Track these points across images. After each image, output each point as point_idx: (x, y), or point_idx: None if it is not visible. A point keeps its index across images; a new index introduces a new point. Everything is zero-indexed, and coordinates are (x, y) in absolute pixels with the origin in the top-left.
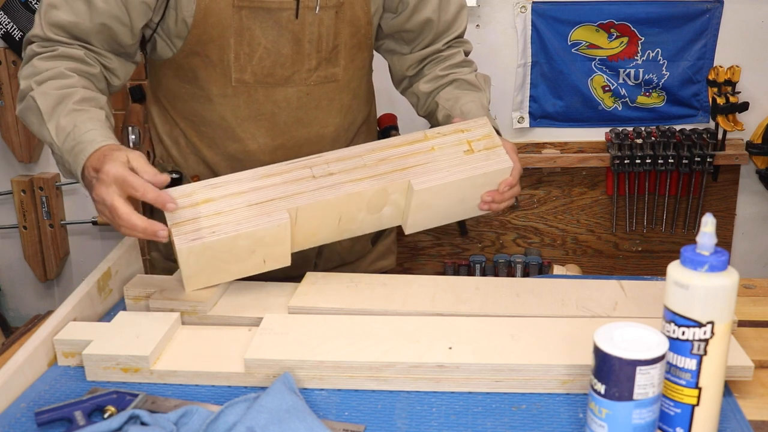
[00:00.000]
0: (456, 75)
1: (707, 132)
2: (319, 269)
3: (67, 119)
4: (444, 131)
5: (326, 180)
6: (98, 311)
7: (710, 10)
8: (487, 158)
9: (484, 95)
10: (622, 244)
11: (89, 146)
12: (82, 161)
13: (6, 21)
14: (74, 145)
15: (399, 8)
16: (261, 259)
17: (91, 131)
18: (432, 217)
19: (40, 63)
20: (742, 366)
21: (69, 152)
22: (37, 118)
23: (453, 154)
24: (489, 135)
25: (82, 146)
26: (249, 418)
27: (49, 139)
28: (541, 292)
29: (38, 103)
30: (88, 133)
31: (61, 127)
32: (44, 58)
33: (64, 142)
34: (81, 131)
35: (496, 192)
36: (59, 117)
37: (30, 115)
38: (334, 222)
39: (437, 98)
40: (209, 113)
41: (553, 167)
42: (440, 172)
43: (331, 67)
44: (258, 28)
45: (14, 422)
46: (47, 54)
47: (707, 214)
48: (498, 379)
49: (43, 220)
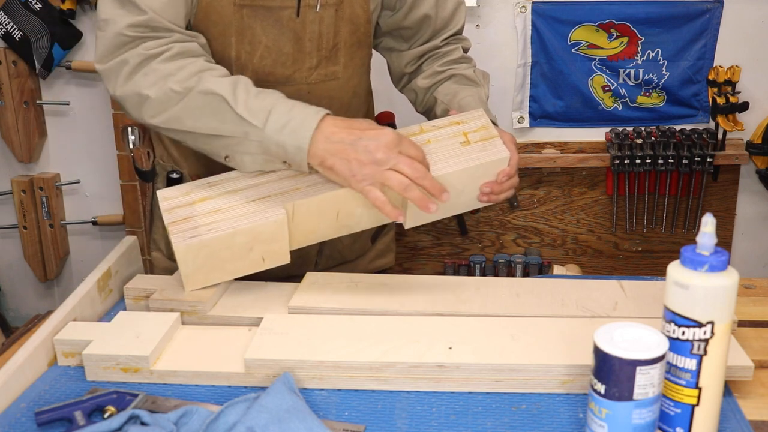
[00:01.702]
0: (454, 70)
1: (707, 132)
2: (320, 268)
3: (259, 101)
4: (440, 124)
5: (322, 175)
6: (98, 311)
7: (710, 10)
8: (483, 149)
9: (482, 90)
10: (622, 244)
11: (314, 115)
12: (309, 131)
13: (6, 21)
14: (285, 122)
15: (397, 5)
16: (260, 257)
17: (296, 106)
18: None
19: (165, 65)
20: (742, 366)
21: (279, 131)
22: (216, 111)
23: (449, 146)
24: (485, 126)
25: (300, 119)
26: (249, 418)
27: (238, 128)
28: (541, 292)
29: (218, 91)
30: (295, 108)
31: (257, 109)
32: (165, 59)
33: (267, 123)
34: (284, 108)
35: (494, 183)
36: (247, 99)
37: (198, 114)
38: (332, 218)
39: (435, 93)
40: None
41: (553, 167)
42: (437, 164)
43: (331, 66)
44: (259, 26)
45: (14, 422)
46: (166, 55)
47: (707, 214)
48: (498, 379)
49: (43, 220)
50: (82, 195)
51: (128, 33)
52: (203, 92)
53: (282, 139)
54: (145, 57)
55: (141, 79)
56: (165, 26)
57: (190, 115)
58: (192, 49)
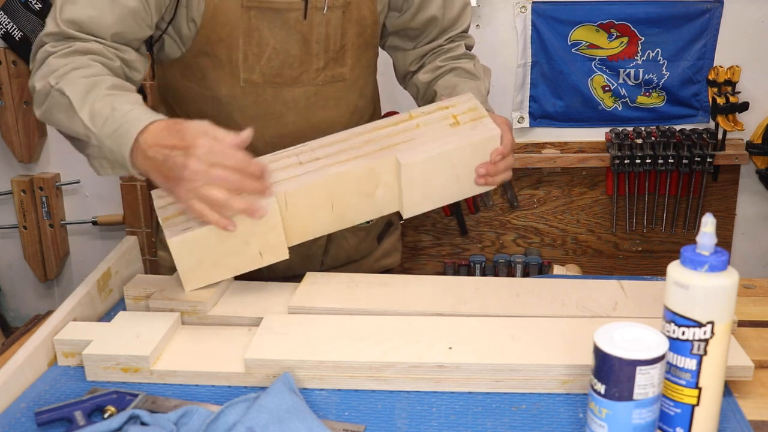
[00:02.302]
0: (455, 64)
1: (707, 132)
2: (326, 267)
3: (102, 104)
4: (429, 109)
5: (313, 165)
6: (98, 311)
7: (710, 10)
8: (473, 128)
9: (482, 83)
10: (622, 244)
11: (137, 123)
12: (130, 140)
13: (6, 21)
14: (116, 127)
15: (404, 7)
16: (257, 252)
17: (134, 110)
18: (428, 197)
19: (57, 61)
20: (742, 366)
21: (110, 137)
22: (66, 111)
23: (439, 128)
24: (475, 108)
25: (128, 126)
26: (249, 418)
27: (82, 131)
28: (541, 292)
29: (66, 92)
30: (131, 112)
31: (96, 113)
32: (60, 55)
33: (102, 128)
34: (122, 112)
35: (489, 164)
36: (93, 103)
37: (56, 111)
38: (327, 208)
39: (435, 86)
40: (217, 113)
41: (553, 167)
42: (426, 145)
43: (338, 67)
44: (266, 28)
45: (14, 422)
46: (62, 51)
47: (707, 214)
48: (498, 379)
49: (43, 220)
50: (82, 195)
51: (45, 40)
52: (60, 92)
53: (110, 145)
54: (47, 54)
55: (37, 72)
56: (79, 38)
57: (53, 111)
58: (90, 48)
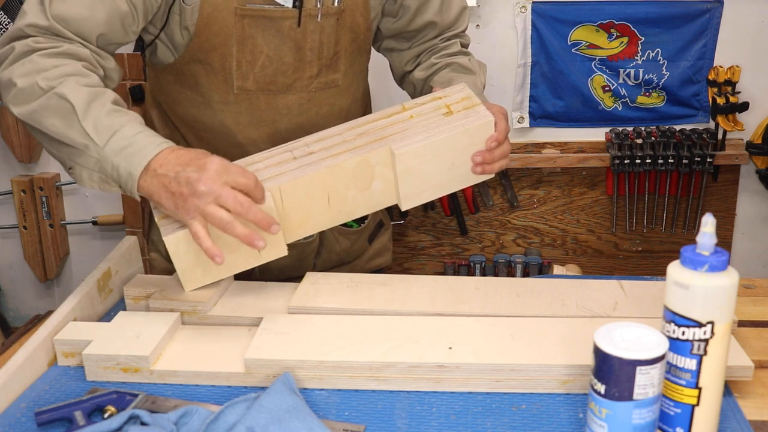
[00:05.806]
0: (451, 60)
1: (707, 132)
2: (318, 269)
3: (110, 119)
4: (422, 101)
5: (306, 159)
6: (98, 311)
7: (710, 10)
8: (466, 116)
9: (478, 78)
10: (622, 244)
11: (151, 147)
12: (144, 159)
13: (6, 21)
14: (126, 145)
15: (399, 13)
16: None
17: (143, 132)
18: (425, 187)
19: (44, 60)
20: (742, 366)
21: (117, 153)
22: (65, 117)
23: (432, 118)
24: (468, 97)
25: (140, 146)
26: (249, 418)
27: (80, 139)
28: (541, 292)
29: (69, 98)
30: (140, 134)
31: (102, 126)
32: (47, 54)
33: (109, 142)
34: (131, 132)
35: (485, 151)
36: (98, 115)
37: (50, 114)
38: (323, 202)
39: (431, 83)
40: (210, 119)
41: (553, 167)
42: (419, 135)
43: (331, 74)
44: (260, 36)
45: (14, 422)
46: (50, 51)
47: (707, 214)
48: (498, 379)
49: (43, 220)
50: (82, 195)
51: (27, 31)
52: (59, 95)
53: (117, 161)
54: (31, 49)
55: (18, 67)
56: (66, 36)
57: (45, 114)
58: (80, 53)
